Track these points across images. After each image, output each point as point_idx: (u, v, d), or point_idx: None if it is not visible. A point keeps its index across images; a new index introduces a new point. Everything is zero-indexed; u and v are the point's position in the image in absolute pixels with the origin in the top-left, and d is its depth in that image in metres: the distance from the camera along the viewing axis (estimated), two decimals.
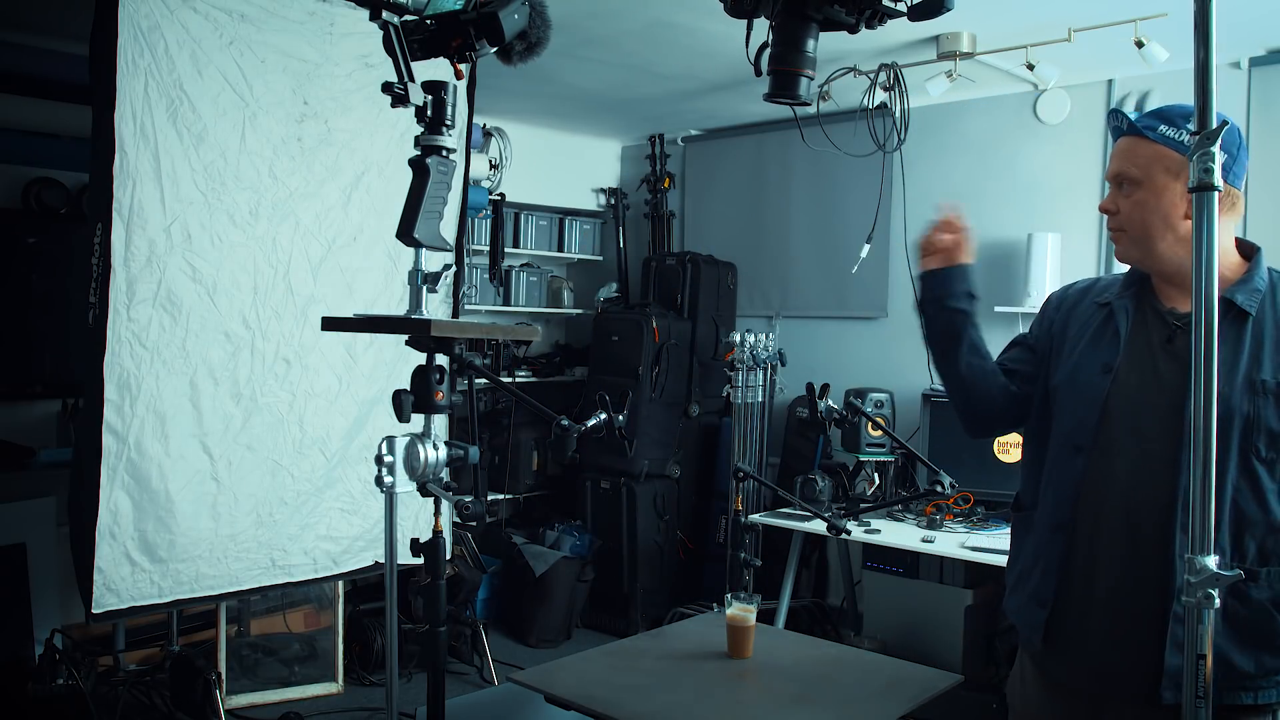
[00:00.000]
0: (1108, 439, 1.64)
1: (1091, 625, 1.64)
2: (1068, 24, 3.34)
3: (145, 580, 3.06)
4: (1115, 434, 1.63)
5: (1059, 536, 1.68)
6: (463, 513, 1.74)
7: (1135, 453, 1.61)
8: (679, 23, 3.48)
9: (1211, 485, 1.21)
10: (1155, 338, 1.65)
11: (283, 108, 3.23)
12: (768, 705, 2.22)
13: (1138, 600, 1.59)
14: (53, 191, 4.01)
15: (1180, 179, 1.57)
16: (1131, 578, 1.60)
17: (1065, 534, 1.67)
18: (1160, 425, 1.59)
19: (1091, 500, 1.65)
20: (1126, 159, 1.64)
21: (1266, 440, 1.53)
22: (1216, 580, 1.21)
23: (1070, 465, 1.67)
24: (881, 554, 3.90)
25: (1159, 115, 1.63)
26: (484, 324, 4.10)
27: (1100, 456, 1.64)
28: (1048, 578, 1.69)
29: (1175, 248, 1.61)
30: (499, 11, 1.71)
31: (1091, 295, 1.78)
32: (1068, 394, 1.71)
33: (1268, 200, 3.60)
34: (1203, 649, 1.22)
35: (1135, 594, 1.59)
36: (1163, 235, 1.61)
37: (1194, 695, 1.23)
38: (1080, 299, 1.80)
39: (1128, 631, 1.60)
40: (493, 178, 5.04)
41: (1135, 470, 1.61)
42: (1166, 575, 1.55)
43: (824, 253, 4.89)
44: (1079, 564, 1.66)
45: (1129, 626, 1.60)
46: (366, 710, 3.82)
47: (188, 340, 3.09)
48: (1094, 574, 1.64)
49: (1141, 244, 1.64)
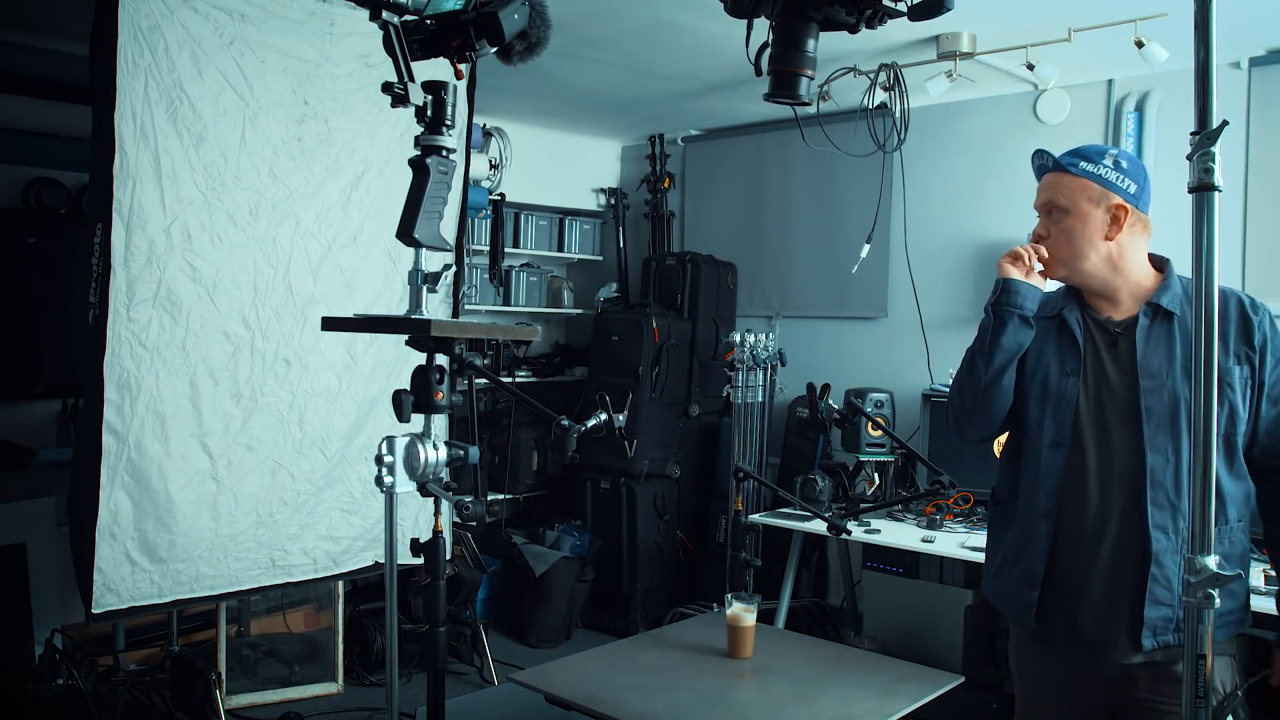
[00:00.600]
0: (1079, 435, 1.87)
1: (1081, 594, 1.85)
2: (1068, 24, 3.34)
3: (145, 580, 3.06)
4: (1084, 430, 1.86)
5: (1047, 523, 1.88)
6: (463, 513, 1.74)
7: (1102, 444, 1.85)
8: (679, 23, 3.48)
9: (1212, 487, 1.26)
10: (1101, 342, 1.89)
11: (283, 108, 3.23)
12: (768, 705, 2.22)
13: (1120, 567, 1.82)
14: (53, 191, 4.01)
15: (1100, 206, 1.85)
16: (1112, 548, 1.83)
17: (1052, 520, 1.88)
18: (1119, 417, 1.84)
19: (1071, 489, 1.86)
20: (1055, 190, 1.90)
21: None
22: (1217, 580, 1.21)
23: (1052, 459, 1.88)
24: (881, 554, 3.90)
25: (1078, 154, 1.89)
26: (484, 324, 4.10)
27: (1075, 450, 1.86)
28: (1037, 559, 1.89)
29: (1099, 265, 1.87)
30: (499, 11, 1.71)
31: (1041, 312, 1.96)
32: (1041, 398, 1.92)
33: (1268, 200, 3.60)
34: (1203, 649, 1.23)
35: (1117, 562, 1.82)
36: (1088, 255, 1.87)
37: (1194, 695, 1.24)
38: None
39: (1113, 594, 1.82)
40: (493, 178, 5.04)
41: (1103, 459, 1.84)
42: (1144, 541, 1.79)
43: (824, 253, 4.89)
44: (1065, 544, 1.87)
45: (1114, 590, 1.82)
46: (366, 710, 3.82)
47: (188, 340, 3.08)
48: (1078, 553, 1.86)
49: (1069, 263, 1.90)
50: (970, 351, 1.99)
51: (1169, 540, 1.78)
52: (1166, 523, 1.78)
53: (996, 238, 4.26)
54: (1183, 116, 2.99)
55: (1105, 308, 1.91)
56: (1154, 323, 1.84)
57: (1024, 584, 1.91)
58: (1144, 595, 1.78)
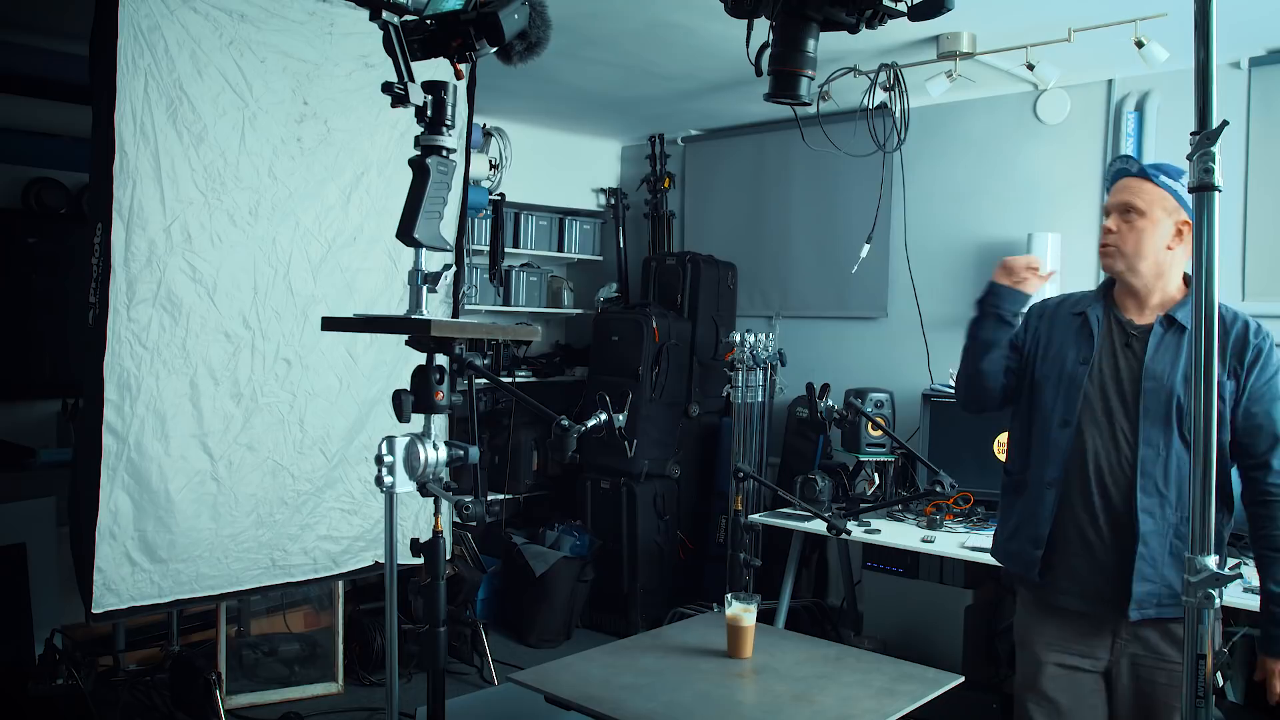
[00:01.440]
0: (1085, 415, 2.11)
1: (1076, 559, 2.11)
2: (1068, 24, 3.34)
3: (145, 580, 3.06)
4: (1090, 412, 2.11)
5: (1051, 491, 2.13)
6: (463, 513, 1.74)
7: (1105, 426, 2.09)
8: (679, 23, 3.48)
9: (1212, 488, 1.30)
10: (1117, 341, 2.13)
11: (283, 108, 3.23)
12: (768, 705, 2.22)
13: (1111, 539, 2.06)
14: (53, 191, 4.01)
15: (1171, 218, 2.05)
16: (1105, 522, 2.07)
17: (1056, 489, 2.13)
18: (1122, 405, 2.08)
19: (1074, 463, 2.11)
20: (1135, 194, 2.08)
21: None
22: (1217, 580, 1.21)
23: (1060, 436, 2.13)
24: (881, 554, 3.90)
25: (1160, 168, 2.09)
26: (484, 324, 4.11)
27: (1082, 431, 2.11)
28: (1042, 524, 2.14)
29: (1151, 268, 2.09)
30: (499, 11, 1.71)
31: (1067, 306, 2.25)
32: (1056, 382, 2.17)
33: (1268, 200, 3.60)
34: (1203, 649, 1.23)
35: (1109, 535, 2.07)
36: (1148, 256, 2.08)
37: (1194, 695, 1.24)
38: (1058, 309, 2.27)
39: (1104, 564, 2.07)
40: (493, 178, 5.04)
41: (1104, 440, 2.09)
42: (1132, 521, 2.03)
43: (824, 253, 4.89)
44: (1066, 512, 2.12)
45: (1104, 560, 2.07)
46: (366, 710, 3.82)
47: (188, 340, 3.08)
48: (1078, 520, 2.11)
49: (1131, 260, 2.09)
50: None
51: (1155, 524, 2.01)
52: (1154, 508, 2.02)
53: (996, 238, 4.26)
54: (1183, 116, 2.99)
55: (1131, 309, 2.15)
56: (1167, 332, 2.07)
57: (1031, 544, 2.16)
58: (1132, 571, 2.02)
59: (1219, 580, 1.21)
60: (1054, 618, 2.17)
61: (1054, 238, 4.01)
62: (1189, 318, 2.02)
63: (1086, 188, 4.07)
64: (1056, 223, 4.11)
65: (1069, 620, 2.15)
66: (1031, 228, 4.11)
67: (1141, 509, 2.02)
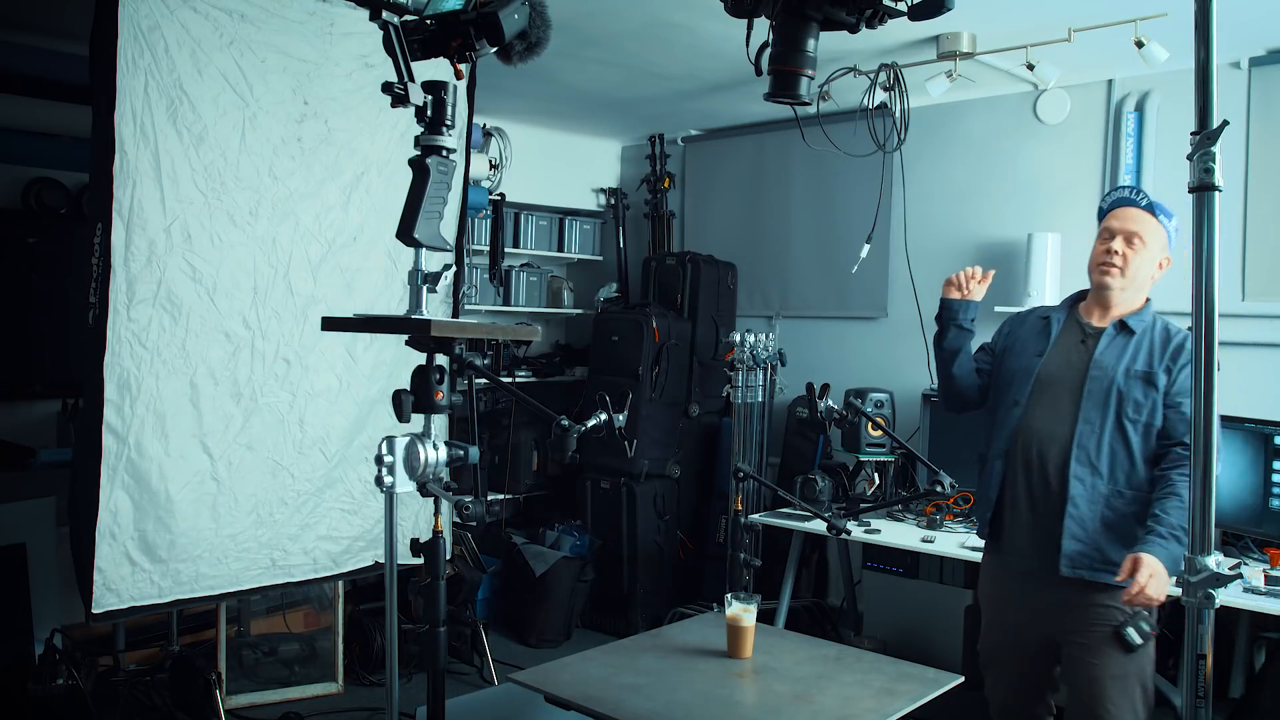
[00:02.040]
0: (1034, 397, 2.44)
1: (1018, 521, 2.45)
2: (1068, 24, 3.34)
3: (145, 580, 3.05)
4: (1039, 394, 2.44)
5: (999, 461, 2.49)
6: (463, 513, 1.74)
7: (1049, 405, 2.42)
8: (679, 23, 3.48)
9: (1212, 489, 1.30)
10: (1074, 339, 2.47)
11: (283, 108, 3.23)
12: (768, 705, 2.22)
13: (1046, 504, 2.38)
14: (53, 191, 4.01)
15: (1162, 253, 2.42)
16: (1042, 489, 2.39)
17: (1004, 460, 2.47)
18: (1067, 392, 2.40)
19: (1021, 438, 2.44)
20: (1143, 226, 2.39)
21: (1133, 407, 2.33)
22: (1217, 580, 1.21)
23: (1010, 415, 2.48)
24: (881, 554, 3.90)
25: (1160, 208, 2.41)
26: (484, 324, 4.10)
27: (1029, 409, 2.44)
28: (992, 489, 2.51)
29: (1135, 288, 2.42)
30: (499, 11, 1.71)
31: (1036, 313, 2.62)
32: (1015, 372, 2.52)
33: (1268, 200, 3.60)
34: (1203, 649, 1.23)
35: (1045, 500, 2.39)
36: (1139, 280, 2.42)
37: (1194, 696, 1.24)
38: (1028, 316, 2.63)
39: (1040, 525, 2.39)
40: (493, 178, 5.04)
41: (1047, 416, 2.41)
42: (1063, 489, 2.34)
43: (824, 253, 4.89)
44: (1011, 480, 2.46)
45: (1041, 521, 2.39)
46: (366, 710, 3.82)
47: (188, 340, 3.08)
48: (1018, 484, 2.44)
49: (1129, 281, 2.40)
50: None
51: (1084, 490, 2.32)
52: (1085, 476, 2.32)
53: (996, 238, 4.26)
54: (1183, 116, 2.99)
55: (1095, 315, 2.47)
56: (1119, 334, 2.40)
57: (984, 505, 2.54)
58: (1063, 530, 2.32)
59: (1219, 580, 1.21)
60: (1004, 576, 2.51)
61: (1054, 238, 4.01)
62: (1139, 324, 2.39)
63: (1086, 188, 4.07)
64: (1056, 223, 4.11)
65: (1014, 580, 2.47)
66: (1031, 228, 4.11)
67: (1073, 475, 2.32)
